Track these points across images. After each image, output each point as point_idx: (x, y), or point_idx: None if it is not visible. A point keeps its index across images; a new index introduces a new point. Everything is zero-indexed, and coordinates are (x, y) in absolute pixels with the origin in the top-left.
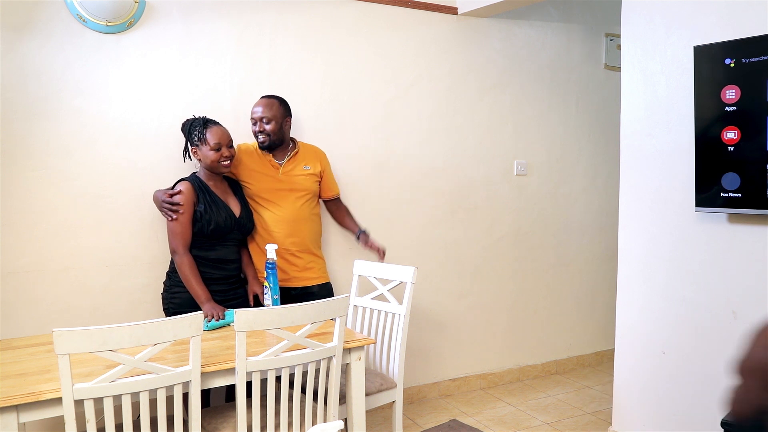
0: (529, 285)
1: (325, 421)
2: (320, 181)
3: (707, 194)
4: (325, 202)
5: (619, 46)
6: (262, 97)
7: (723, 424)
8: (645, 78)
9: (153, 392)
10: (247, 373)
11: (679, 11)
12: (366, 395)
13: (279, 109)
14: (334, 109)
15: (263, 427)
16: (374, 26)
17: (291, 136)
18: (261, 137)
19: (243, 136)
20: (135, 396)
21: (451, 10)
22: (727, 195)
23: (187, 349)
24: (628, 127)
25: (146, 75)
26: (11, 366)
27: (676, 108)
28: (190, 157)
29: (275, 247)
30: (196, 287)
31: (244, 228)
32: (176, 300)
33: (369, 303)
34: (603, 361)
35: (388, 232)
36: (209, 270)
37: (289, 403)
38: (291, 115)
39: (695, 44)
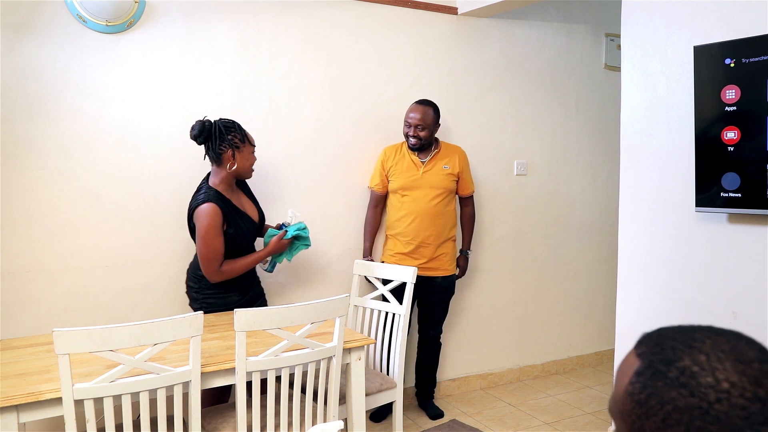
0: (529, 285)
1: (325, 421)
2: (458, 180)
3: (707, 194)
4: (460, 199)
5: (619, 46)
6: (419, 103)
7: None
8: (645, 78)
9: (153, 392)
10: (247, 373)
11: (679, 11)
12: (366, 395)
13: (432, 118)
14: (334, 109)
15: (263, 427)
16: (374, 26)
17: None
18: (413, 140)
19: None
20: (135, 396)
21: (451, 10)
22: (727, 195)
23: (187, 349)
24: (628, 127)
25: (146, 75)
26: (11, 366)
27: (676, 108)
28: (214, 159)
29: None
30: (252, 259)
31: (262, 228)
32: (209, 299)
33: (369, 303)
34: (603, 361)
35: None
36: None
37: (289, 403)
38: (440, 121)
39: (695, 44)
